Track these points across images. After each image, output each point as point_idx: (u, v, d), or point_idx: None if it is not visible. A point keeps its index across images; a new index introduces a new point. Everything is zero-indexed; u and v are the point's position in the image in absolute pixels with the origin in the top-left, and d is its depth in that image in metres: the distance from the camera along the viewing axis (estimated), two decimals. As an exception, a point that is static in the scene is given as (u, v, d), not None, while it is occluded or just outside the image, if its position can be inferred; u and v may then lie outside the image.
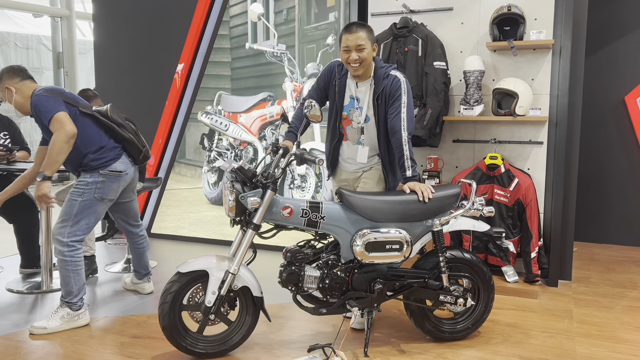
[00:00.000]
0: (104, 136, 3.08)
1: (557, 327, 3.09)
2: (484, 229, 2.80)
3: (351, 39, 2.77)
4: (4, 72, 3.05)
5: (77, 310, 3.07)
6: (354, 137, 2.97)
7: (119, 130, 3.11)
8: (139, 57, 5.15)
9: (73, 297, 3.04)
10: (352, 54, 2.77)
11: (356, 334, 2.95)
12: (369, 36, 2.80)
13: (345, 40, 2.79)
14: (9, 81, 3.03)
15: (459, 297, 2.74)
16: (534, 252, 3.68)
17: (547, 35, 3.66)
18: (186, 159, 5.08)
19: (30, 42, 10.12)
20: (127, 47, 5.20)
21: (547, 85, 3.77)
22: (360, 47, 2.76)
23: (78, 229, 3.01)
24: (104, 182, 3.03)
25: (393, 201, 2.67)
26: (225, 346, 2.67)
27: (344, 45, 2.80)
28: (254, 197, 2.52)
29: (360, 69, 2.82)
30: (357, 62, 2.78)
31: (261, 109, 4.69)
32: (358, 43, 2.76)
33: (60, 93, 3.00)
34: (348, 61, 2.81)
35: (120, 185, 3.12)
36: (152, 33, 5.05)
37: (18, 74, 3.05)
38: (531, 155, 3.83)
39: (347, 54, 2.80)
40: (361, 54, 2.77)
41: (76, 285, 3.03)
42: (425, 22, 3.90)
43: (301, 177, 4.57)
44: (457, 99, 3.94)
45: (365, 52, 2.78)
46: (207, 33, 4.84)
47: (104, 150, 3.05)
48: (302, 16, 4.45)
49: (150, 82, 5.11)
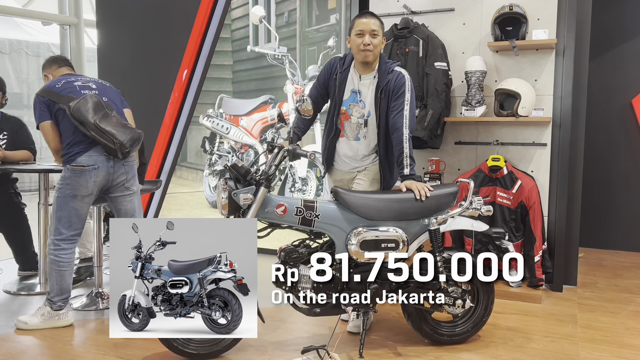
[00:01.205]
0: (73, 130, 3.02)
1: (560, 332, 3.00)
2: (483, 228, 2.74)
3: (366, 23, 2.79)
4: (47, 61, 3.28)
5: (57, 310, 3.04)
6: (351, 133, 2.92)
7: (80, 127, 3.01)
8: (141, 61, 5.16)
9: (53, 295, 3.02)
10: (366, 38, 2.77)
11: (352, 337, 2.88)
12: (380, 26, 2.84)
13: (359, 24, 2.80)
14: (47, 69, 3.25)
15: (458, 299, 2.67)
16: (537, 255, 3.60)
17: (549, 35, 3.60)
18: (187, 163, 5.07)
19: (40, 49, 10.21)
20: (129, 52, 5.22)
21: (551, 86, 3.71)
22: (374, 32, 2.79)
23: (60, 225, 3.01)
24: (71, 177, 2.98)
25: (389, 199, 2.62)
26: (218, 347, 2.62)
27: (357, 29, 2.80)
28: (246, 194, 2.48)
29: (371, 56, 2.81)
30: (370, 47, 2.77)
31: (262, 111, 4.67)
32: (372, 28, 2.78)
33: (49, 91, 3.02)
34: (361, 46, 2.79)
35: (90, 181, 3.00)
36: (154, 37, 5.06)
37: (57, 62, 3.26)
38: (535, 157, 3.76)
39: (360, 38, 2.79)
40: (374, 40, 2.78)
41: (57, 284, 3.01)
42: (426, 23, 3.87)
43: (302, 180, 4.53)
44: (459, 100, 3.88)
45: (377, 38, 2.80)
46: (209, 36, 4.84)
47: (70, 145, 3.01)
48: (304, 18, 4.44)
49: (152, 85, 5.11)
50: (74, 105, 2.94)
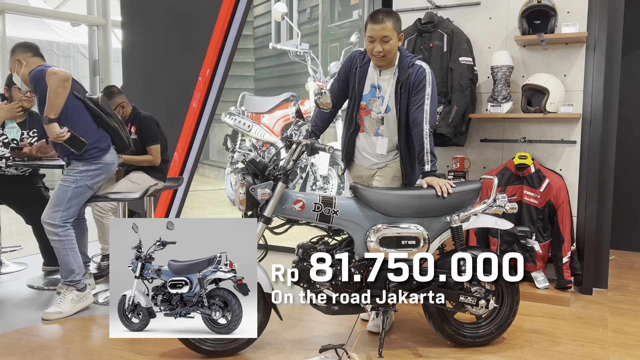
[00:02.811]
0: (92, 124, 3.13)
1: (589, 336, 2.88)
2: (507, 227, 2.64)
3: (376, 29, 2.67)
4: (18, 45, 3.18)
5: (83, 290, 3.15)
6: (371, 128, 2.86)
7: (106, 118, 3.17)
8: (165, 60, 5.19)
9: (75, 275, 3.10)
10: (377, 46, 2.68)
11: (372, 336, 2.82)
12: (395, 26, 2.70)
13: (370, 30, 2.70)
14: (21, 54, 3.14)
15: (481, 299, 2.58)
16: (565, 257, 3.47)
17: (580, 28, 3.48)
18: (210, 160, 5.06)
19: (69, 50, 10.39)
20: (153, 51, 5.25)
21: (581, 82, 3.58)
22: (385, 38, 2.67)
23: (68, 214, 3.12)
24: (95, 171, 3.12)
25: (409, 195, 2.55)
26: (234, 344, 2.59)
27: (368, 35, 2.72)
28: (264, 189, 2.44)
29: (384, 61, 2.73)
30: (381, 54, 2.69)
31: (284, 109, 4.63)
32: (383, 34, 2.67)
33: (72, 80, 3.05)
34: (372, 52, 2.72)
35: (107, 176, 3.24)
36: (177, 35, 5.08)
37: (31, 49, 3.17)
38: (563, 155, 3.64)
39: (371, 45, 2.71)
40: (386, 46, 2.68)
41: (76, 263, 3.11)
42: (451, 18, 3.77)
43: (323, 178, 4.48)
44: (484, 97, 3.78)
45: (390, 43, 2.69)
46: (232, 34, 4.83)
47: (96, 142, 3.11)
48: (326, 14, 4.39)
49: (175, 84, 5.13)
50: (101, 97, 3.11)
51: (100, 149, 3.14)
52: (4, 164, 3.79)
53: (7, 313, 3.24)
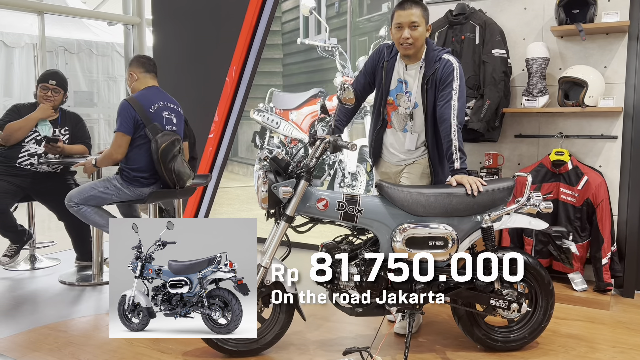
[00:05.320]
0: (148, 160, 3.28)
1: (630, 342, 2.73)
2: (542, 227, 2.52)
3: (404, 15, 2.59)
4: (134, 59, 3.45)
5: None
6: (399, 124, 2.77)
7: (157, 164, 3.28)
8: (194, 58, 5.20)
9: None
10: (405, 32, 2.59)
11: (398, 339, 2.73)
12: (423, 14, 2.62)
13: (397, 17, 2.62)
14: (134, 68, 3.40)
15: (513, 302, 2.46)
16: (605, 258, 3.30)
17: (621, 17, 3.30)
18: (239, 157, 5.05)
19: (105, 49, 10.58)
20: (182, 49, 5.28)
21: (622, 74, 3.40)
22: (413, 24, 2.58)
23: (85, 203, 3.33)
24: (127, 194, 3.32)
25: (438, 194, 2.45)
26: (258, 344, 2.55)
27: (396, 22, 2.63)
28: (286, 187, 2.39)
29: (412, 49, 2.64)
30: (410, 42, 2.59)
31: (312, 105, 4.58)
32: (412, 20, 2.58)
33: (141, 109, 3.23)
34: (400, 40, 2.63)
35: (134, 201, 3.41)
36: (206, 33, 5.08)
37: (144, 66, 3.40)
38: (603, 151, 3.46)
39: (399, 32, 2.62)
40: (414, 33, 2.59)
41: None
42: (484, 9, 3.64)
43: (352, 175, 4.40)
44: (519, 90, 3.63)
45: (418, 30, 2.60)
46: (260, 30, 4.79)
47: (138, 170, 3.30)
48: (354, 8, 4.31)
49: (204, 80, 5.14)
50: (163, 146, 3.19)
51: (143, 182, 3.31)
52: (36, 161, 3.86)
53: (38, 309, 3.29)
